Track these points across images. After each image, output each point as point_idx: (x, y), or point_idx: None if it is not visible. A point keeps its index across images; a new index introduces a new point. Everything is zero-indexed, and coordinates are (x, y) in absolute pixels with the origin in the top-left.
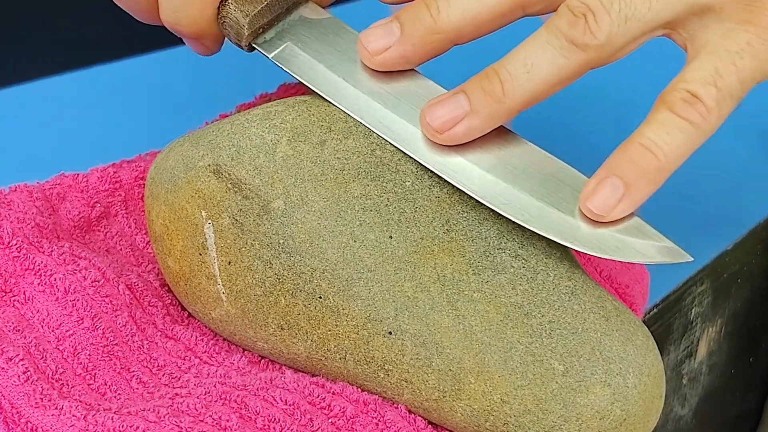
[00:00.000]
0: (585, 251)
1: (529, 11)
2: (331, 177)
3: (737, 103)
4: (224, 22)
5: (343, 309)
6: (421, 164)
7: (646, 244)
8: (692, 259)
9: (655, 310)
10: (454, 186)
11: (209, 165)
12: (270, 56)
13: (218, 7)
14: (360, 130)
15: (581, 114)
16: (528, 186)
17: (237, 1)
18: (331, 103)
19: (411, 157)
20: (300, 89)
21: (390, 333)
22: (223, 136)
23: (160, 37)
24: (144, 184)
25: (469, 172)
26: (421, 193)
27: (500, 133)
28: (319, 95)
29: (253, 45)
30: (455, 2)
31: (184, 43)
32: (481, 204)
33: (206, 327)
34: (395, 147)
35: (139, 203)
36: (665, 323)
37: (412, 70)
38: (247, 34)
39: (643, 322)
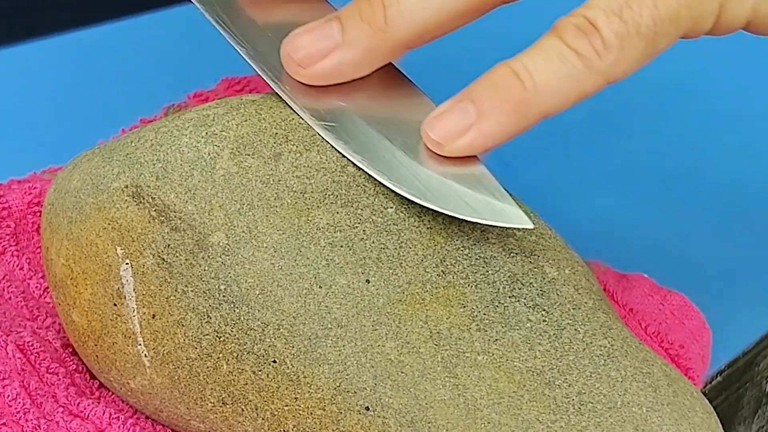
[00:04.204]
0: (400, 192)
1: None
2: (288, 202)
3: (650, 51)
4: None
5: (305, 377)
6: None
7: (480, 198)
8: (532, 226)
9: (719, 378)
10: (452, 213)
11: (127, 186)
12: None
13: None
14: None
15: None
16: (377, 123)
17: None
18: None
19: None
20: (247, 86)
21: (367, 408)
22: (145, 147)
23: (62, 18)
24: (40, 212)
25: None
26: (407, 222)
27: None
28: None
29: None
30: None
31: (92, 23)
32: (487, 238)
33: (123, 401)
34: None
35: (33, 237)
36: (732, 395)
37: None
38: None
39: (703, 393)
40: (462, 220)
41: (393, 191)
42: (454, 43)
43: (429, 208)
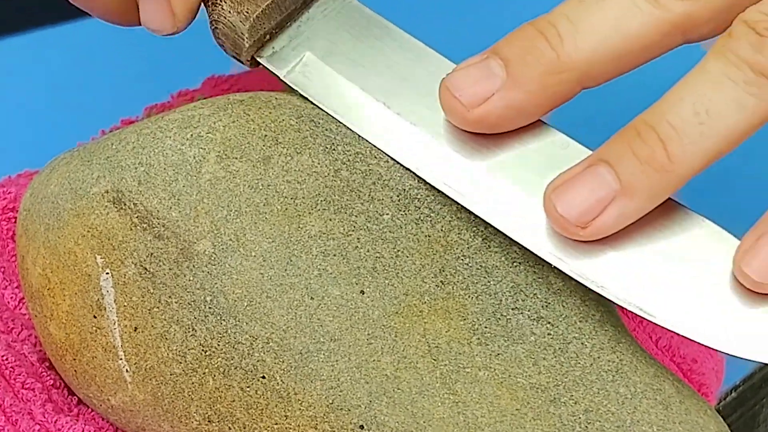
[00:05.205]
0: (745, 357)
1: (691, 36)
2: (278, 208)
3: None
4: (216, 28)
5: (295, 393)
6: (405, 191)
7: None
8: None
9: (733, 394)
10: (450, 221)
11: (107, 191)
12: (282, 76)
13: (207, 6)
14: (319, 141)
15: None
16: (666, 273)
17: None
18: (381, 150)
19: (448, 202)
20: (235, 85)
21: (362, 427)
22: (127, 151)
23: (38, 14)
24: (15, 218)
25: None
26: (404, 230)
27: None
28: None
29: (258, 59)
30: (584, 28)
31: (70, 18)
32: (489, 246)
33: (103, 418)
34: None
35: (8, 244)
36: (748, 413)
37: None
38: (248, 45)
39: (717, 410)
40: (461, 230)
41: (411, 179)
42: None
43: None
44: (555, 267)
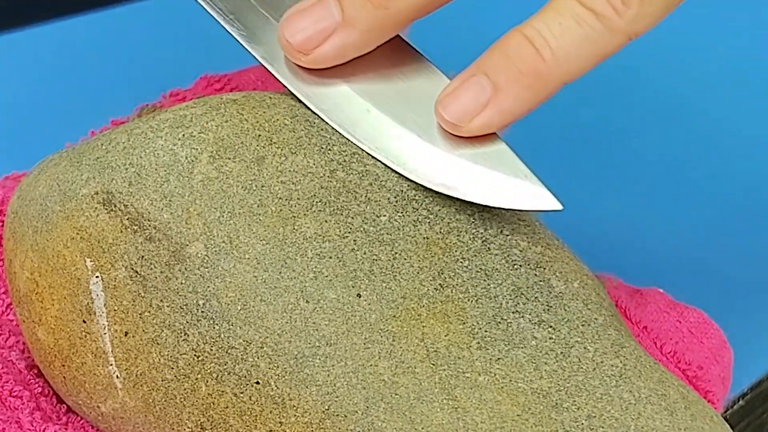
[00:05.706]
0: (418, 180)
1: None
2: (272, 209)
3: (671, 2)
4: None
5: (290, 399)
6: (403, 192)
7: (503, 179)
8: (561, 207)
9: (741, 402)
10: (449, 222)
11: (97, 193)
12: None
13: None
14: (314, 141)
15: None
16: (386, 105)
17: None
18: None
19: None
20: (228, 84)
21: None
22: (117, 151)
23: (26, 11)
24: (2, 221)
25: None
26: (402, 232)
27: (393, 50)
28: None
29: None
30: None
31: (58, 16)
32: (489, 248)
33: (93, 426)
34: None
35: None
36: (756, 421)
37: None
38: None
39: (724, 418)
40: (460, 232)
41: (409, 180)
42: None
43: (443, 196)
44: (555, 271)
